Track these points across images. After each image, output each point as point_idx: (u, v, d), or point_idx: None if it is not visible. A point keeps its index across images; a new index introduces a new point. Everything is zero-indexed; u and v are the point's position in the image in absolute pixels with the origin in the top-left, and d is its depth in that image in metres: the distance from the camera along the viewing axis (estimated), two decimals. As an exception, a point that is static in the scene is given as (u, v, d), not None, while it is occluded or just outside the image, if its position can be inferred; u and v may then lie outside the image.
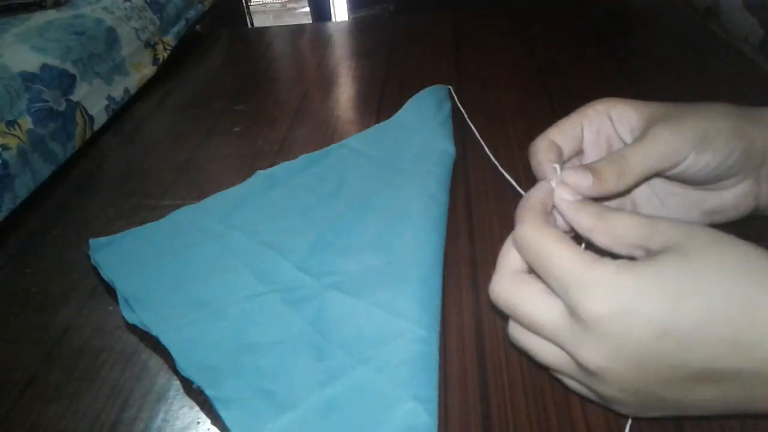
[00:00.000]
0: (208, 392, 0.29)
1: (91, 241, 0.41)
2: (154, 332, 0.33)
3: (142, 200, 0.47)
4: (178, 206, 0.44)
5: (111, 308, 0.36)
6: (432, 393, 0.28)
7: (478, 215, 0.41)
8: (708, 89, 0.54)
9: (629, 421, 0.26)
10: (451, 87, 0.55)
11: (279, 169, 0.47)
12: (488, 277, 0.26)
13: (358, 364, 0.30)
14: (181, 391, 0.31)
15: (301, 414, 0.28)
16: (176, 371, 0.32)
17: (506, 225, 0.40)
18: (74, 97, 0.53)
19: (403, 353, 0.30)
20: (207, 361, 0.31)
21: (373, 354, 0.30)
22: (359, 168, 0.46)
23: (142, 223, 0.43)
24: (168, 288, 0.36)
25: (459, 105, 0.53)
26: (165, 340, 0.33)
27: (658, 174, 0.29)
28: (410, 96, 0.53)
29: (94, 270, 0.39)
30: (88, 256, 0.40)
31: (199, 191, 0.46)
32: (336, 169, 0.46)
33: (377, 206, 0.41)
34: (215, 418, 0.29)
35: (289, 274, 0.36)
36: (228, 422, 0.28)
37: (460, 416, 0.28)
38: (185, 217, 0.43)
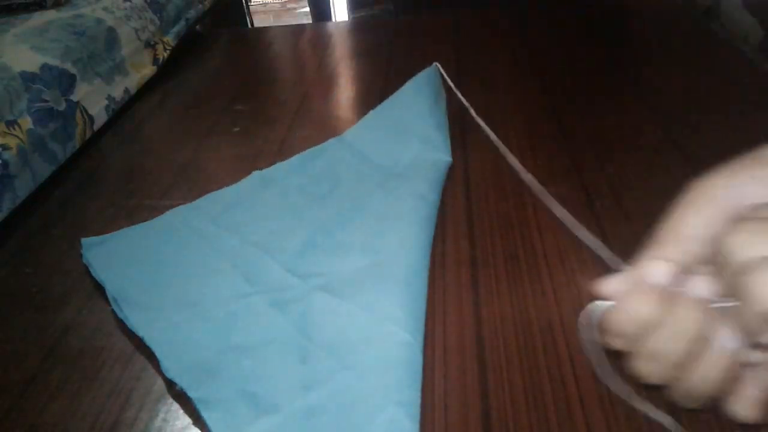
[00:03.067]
0: (191, 394, 0.29)
1: (83, 240, 0.41)
2: (140, 333, 0.33)
3: (142, 200, 0.47)
4: (177, 206, 0.44)
5: (111, 308, 0.36)
6: (414, 396, 0.28)
7: (478, 215, 0.41)
8: (708, 89, 0.54)
9: None
10: (438, 64, 0.53)
11: (274, 169, 0.47)
12: (488, 277, 0.26)
13: (341, 369, 0.29)
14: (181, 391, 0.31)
15: (283, 418, 0.28)
16: (176, 371, 0.32)
17: (506, 225, 0.40)
18: (74, 97, 0.53)
19: (387, 357, 0.30)
20: (191, 363, 0.31)
21: (356, 358, 0.30)
22: (354, 170, 0.46)
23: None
24: (157, 288, 0.36)
25: (447, 79, 0.51)
26: (150, 341, 0.33)
27: None
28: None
29: (94, 270, 0.39)
30: (82, 255, 0.40)
31: (199, 191, 0.46)
32: (330, 170, 0.46)
33: (368, 208, 0.41)
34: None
35: (276, 275, 0.36)
36: (210, 423, 0.28)
37: (460, 416, 0.28)
38: (178, 216, 0.43)
